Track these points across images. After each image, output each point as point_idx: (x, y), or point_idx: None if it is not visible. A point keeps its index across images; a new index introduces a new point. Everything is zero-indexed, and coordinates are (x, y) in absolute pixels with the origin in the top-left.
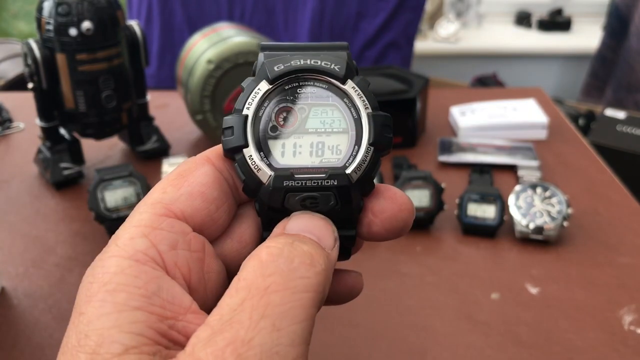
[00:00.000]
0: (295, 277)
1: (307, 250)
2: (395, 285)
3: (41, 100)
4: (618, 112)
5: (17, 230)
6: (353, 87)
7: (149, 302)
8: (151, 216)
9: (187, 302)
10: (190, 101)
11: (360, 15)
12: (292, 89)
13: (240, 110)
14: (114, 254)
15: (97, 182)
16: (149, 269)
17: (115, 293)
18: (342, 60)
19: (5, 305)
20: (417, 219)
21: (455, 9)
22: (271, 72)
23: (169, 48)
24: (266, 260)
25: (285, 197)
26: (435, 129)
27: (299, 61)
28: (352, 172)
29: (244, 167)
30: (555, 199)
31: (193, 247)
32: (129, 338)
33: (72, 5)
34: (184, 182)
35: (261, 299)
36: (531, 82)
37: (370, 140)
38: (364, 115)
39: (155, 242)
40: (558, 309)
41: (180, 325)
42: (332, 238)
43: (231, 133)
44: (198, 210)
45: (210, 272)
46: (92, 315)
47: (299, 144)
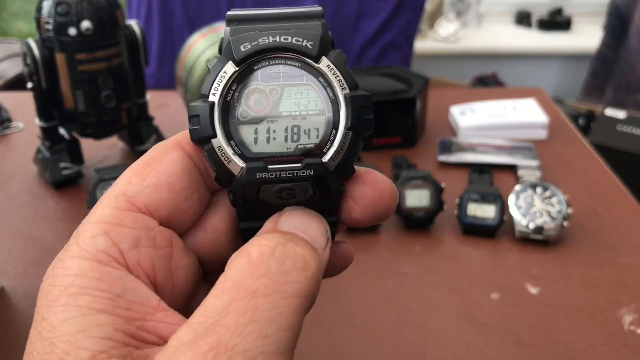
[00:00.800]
0: (287, 281)
1: (300, 252)
2: (395, 285)
3: (41, 100)
4: (618, 112)
5: (16, 230)
6: (328, 65)
7: (114, 305)
8: (113, 211)
9: (154, 302)
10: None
11: (360, 15)
12: (262, 70)
13: (206, 96)
14: (75, 255)
15: (97, 182)
16: (112, 270)
17: (78, 297)
18: (315, 35)
19: (5, 305)
20: (417, 219)
21: (455, 9)
22: (237, 52)
23: (169, 48)
24: (257, 259)
25: (260, 189)
26: (435, 129)
27: (268, 39)
28: (329, 160)
29: (214, 158)
30: (555, 199)
31: (159, 244)
32: (95, 343)
33: (71, 5)
34: (151, 171)
35: (250, 302)
36: (531, 82)
37: (348, 125)
38: (341, 96)
39: (117, 241)
40: (558, 309)
41: (149, 325)
42: (325, 238)
43: (198, 122)
44: (165, 202)
45: (179, 268)
46: (55, 320)
47: (272, 129)
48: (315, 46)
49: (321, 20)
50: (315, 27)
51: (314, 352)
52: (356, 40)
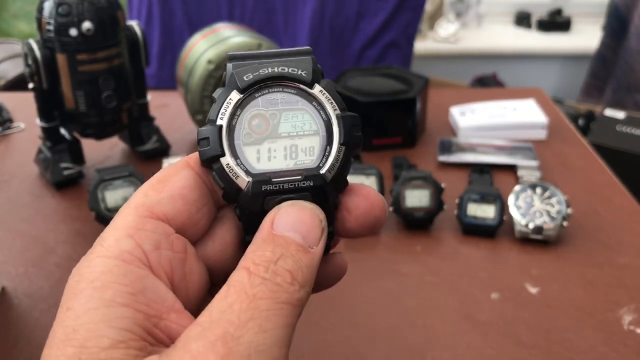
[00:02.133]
0: (278, 290)
1: (289, 269)
2: (395, 285)
3: (41, 101)
4: (618, 112)
5: (17, 230)
6: (320, 90)
7: (134, 300)
8: (135, 218)
9: (170, 301)
10: (190, 101)
11: (360, 15)
12: (262, 96)
13: (214, 120)
14: (100, 255)
15: (98, 182)
16: (135, 268)
17: (102, 290)
18: (308, 66)
19: (5, 305)
20: (417, 219)
21: (455, 9)
22: (241, 81)
23: (169, 48)
24: (254, 272)
25: (265, 200)
26: (435, 129)
27: (267, 69)
28: (326, 172)
29: (222, 175)
30: (554, 199)
31: (175, 248)
32: (116, 332)
33: (72, 6)
34: (165, 186)
35: (250, 303)
36: (531, 82)
37: (341, 140)
38: (333, 116)
39: (139, 242)
40: (558, 309)
41: (163, 324)
42: (319, 231)
43: (207, 143)
44: (179, 212)
45: (192, 273)
46: (79, 310)
47: (273, 148)
48: (309, 74)
49: (310, 56)
50: (307, 60)
51: (314, 352)
52: (356, 40)
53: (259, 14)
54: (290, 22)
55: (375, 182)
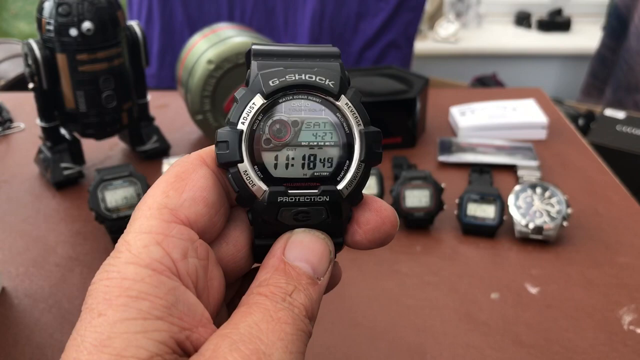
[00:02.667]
0: (297, 319)
1: (302, 303)
2: (395, 285)
3: (42, 101)
4: (617, 112)
5: (17, 230)
6: (346, 103)
7: (169, 313)
8: (160, 223)
9: (200, 313)
10: (190, 101)
11: (360, 15)
12: (286, 102)
13: (234, 123)
14: (131, 261)
15: (98, 182)
16: (167, 280)
17: (138, 300)
18: (335, 75)
19: (5, 305)
20: (416, 219)
21: (455, 9)
22: (266, 86)
23: (169, 48)
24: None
25: (279, 211)
26: (435, 129)
27: (294, 76)
28: (343, 188)
29: (239, 181)
30: (554, 199)
31: (200, 255)
32: (154, 345)
33: (72, 6)
34: (185, 185)
35: (276, 325)
36: (531, 82)
37: (361, 157)
38: (356, 132)
39: (169, 251)
40: (558, 309)
41: (194, 337)
42: (327, 262)
43: (226, 147)
44: (201, 215)
45: (213, 279)
46: (115, 318)
47: (291, 156)
48: (336, 85)
49: (338, 61)
50: (335, 67)
51: (314, 352)
52: (356, 41)
53: (259, 14)
54: (290, 22)
55: (375, 182)
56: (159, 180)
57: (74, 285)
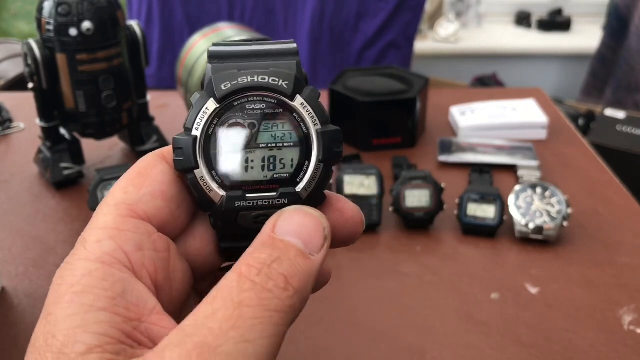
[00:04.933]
0: (268, 297)
1: (282, 272)
2: (395, 285)
3: (41, 100)
4: (618, 112)
5: (17, 230)
6: (302, 103)
7: (113, 304)
8: (116, 218)
9: (151, 304)
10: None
11: (360, 15)
12: (241, 105)
13: (189, 129)
14: (82, 257)
15: (98, 182)
16: (116, 271)
17: (82, 295)
18: (290, 75)
19: (5, 305)
20: (417, 219)
21: (455, 9)
22: (218, 90)
23: (169, 48)
24: (245, 274)
25: (238, 215)
26: (435, 129)
27: (246, 78)
28: (302, 190)
29: (196, 187)
30: (555, 199)
31: (158, 247)
32: (92, 338)
33: (72, 6)
34: (144, 180)
35: (234, 310)
36: (531, 82)
37: (319, 157)
38: (313, 132)
39: (121, 244)
40: (558, 309)
41: (143, 327)
42: (322, 239)
43: (181, 154)
44: (160, 209)
45: (176, 271)
46: (59, 316)
47: (250, 158)
48: (290, 85)
49: (295, 58)
50: (290, 65)
51: (314, 352)
52: (356, 41)
53: (259, 14)
54: (290, 22)
55: (375, 182)
56: (120, 179)
57: None
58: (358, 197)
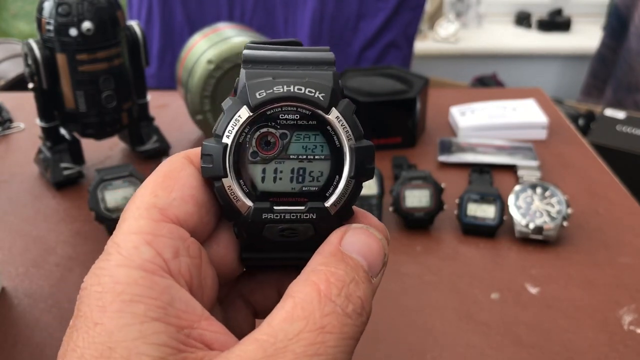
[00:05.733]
0: (348, 324)
1: (360, 297)
2: (395, 285)
3: (41, 101)
4: (618, 112)
5: (17, 230)
6: (337, 116)
7: (165, 313)
8: (150, 222)
9: (199, 310)
10: (190, 101)
11: (360, 15)
12: (274, 114)
13: (220, 136)
14: (121, 264)
15: (98, 182)
16: (160, 279)
17: (132, 304)
18: (326, 87)
19: (5, 305)
20: (417, 219)
21: (455, 9)
22: (252, 99)
23: (169, 48)
24: (325, 295)
25: (265, 227)
26: (435, 129)
27: (282, 87)
28: (331, 205)
29: (223, 195)
30: (555, 199)
31: (192, 253)
32: (154, 349)
33: (72, 6)
34: (173, 184)
35: (318, 335)
36: (531, 82)
37: (351, 174)
38: (347, 147)
39: (159, 251)
40: (558, 309)
41: (196, 333)
42: (382, 264)
43: (210, 161)
44: (191, 214)
45: (207, 277)
46: (111, 326)
47: (279, 169)
48: (326, 98)
49: (332, 69)
50: (326, 77)
51: None
52: (356, 41)
53: (259, 13)
54: (290, 22)
55: (375, 182)
56: (147, 181)
57: (74, 285)
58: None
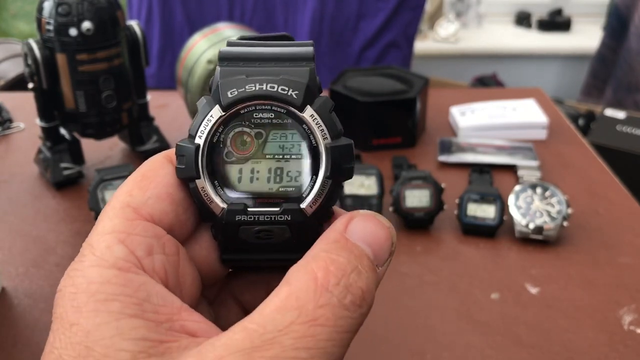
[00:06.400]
0: (344, 316)
1: (360, 287)
2: (395, 285)
3: (41, 100)
4: (618, 112)
5: (17, 230)
6: (312, 115)
7: (142, 310)
8: (123, 221)
9: (177, 303)
10: (190, 101)
11: (360, 15)
12: (248, 113)
13: (193, 136)
14: (95, 264)
15: (98, 182)
16: (134, 276)
17: (107, 303)
18: (301, 84)
19: (5, 305)
20: (416, 219)
21: (455, 9)
22: (224, 98)
23: (169, 48)
24: (322, 285)
25: (239, 229)
26: (435, 129)
27: (254, 86)
28: (307, 206)
29: (197, 196)
30: (555, 199)
31: (168, 251)
32: (132, 344)
33: (72, 6)
34: (149, 183)
35: (309, 328)
36: (531, 82)
37: (327, 173)
38: (322, 146)
39: (132, 249)
40: (558, 309)
41: (177, 325)
42: (388, 252)
43: (184, 162)
44: (166, 213)
45: (185, 275)
46: (88, 325)
47: (256, 169)
48: (300, 95)
49: (310, 65)
50: (302, 73)
51: None
52: (356, 41)
53: (259, 13)
54: (290, 22)
55: (375, 182)
56: (125, 182)
57: None
58: (358, 197)
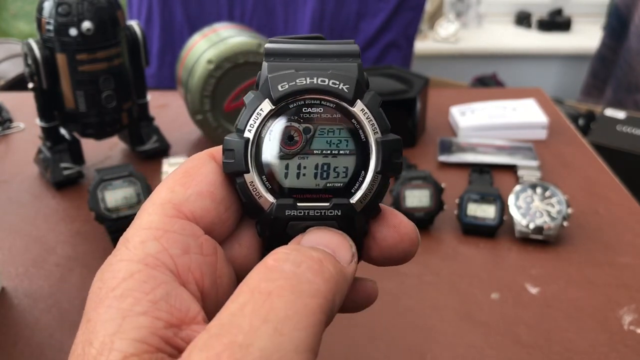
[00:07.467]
0: (302, 282)
1: (315, 255)
2: (395, 285)
3: (41, 100)
4: (618, 112)
5: (17, 230)
6: (362, 109)
7: (155, 307)
8: (161, 218)
9: (194, 311)
10: (190, 101)
11: (360, 15)
12: (297, 108)
13: (242, 130)
14: (124, 258)
15: (98, 182)
16: (158, 274)
17: (121, 298)
18: (351, 79)
19: (5, 305)
20: (416, 219)
21: (455, 9)
22: (275, 91)
23: (169, 48)
24: (272, 265)
25: (288, 225)
26: (435, 129)
27: (305, 79)
28: (357, 202)
29: (245, 191)
30: (555, 199)
31: (205, 251)
32: (128, 345)
33: (72, 6)
34: (192, 180)
35: (264, 303)
36: (531, 82)
37: (377, 168)
38: (372, 140)
39: (167, 246)
40: (558, 309)
41: (184, 334)
42: (350, 253)
43: (232, 156)
44: (208, 210)
45: (222, 276)
46: (97, 322)
47: (303, 165)
48: (351, 89)
49: (357, 61)
50: (351, 68)
51: None
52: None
53: (259, 13)
54: (290, 22)
55: None
56: (167, 177)
57: (74, 285)
58: None
